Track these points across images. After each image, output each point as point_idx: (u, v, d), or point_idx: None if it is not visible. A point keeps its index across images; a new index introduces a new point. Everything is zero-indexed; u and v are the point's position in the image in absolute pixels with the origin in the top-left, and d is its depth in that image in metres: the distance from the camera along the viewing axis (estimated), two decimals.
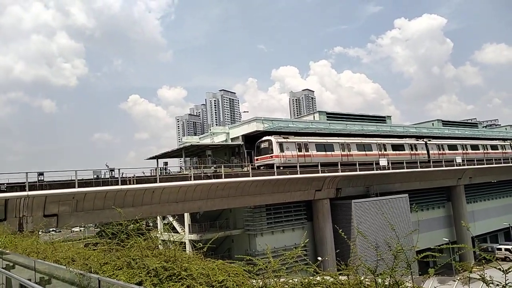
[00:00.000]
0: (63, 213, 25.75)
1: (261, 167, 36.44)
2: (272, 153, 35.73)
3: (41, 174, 24.61)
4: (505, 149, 60.91)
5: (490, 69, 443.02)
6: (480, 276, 4.25)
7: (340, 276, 4.69)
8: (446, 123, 66.49)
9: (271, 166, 35.26)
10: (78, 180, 25.21)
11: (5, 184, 23.32)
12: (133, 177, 28.21)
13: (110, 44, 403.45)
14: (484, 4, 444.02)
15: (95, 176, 27.24)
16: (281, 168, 35.18)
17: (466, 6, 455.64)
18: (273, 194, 35.62)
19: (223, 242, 38.63)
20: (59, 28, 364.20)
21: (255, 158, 37.58)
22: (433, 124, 65.00)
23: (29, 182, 23.57)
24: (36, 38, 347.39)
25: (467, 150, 54.33)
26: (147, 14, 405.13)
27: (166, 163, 41.90)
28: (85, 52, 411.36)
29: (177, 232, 40.88)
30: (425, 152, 48.76)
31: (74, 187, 24.97)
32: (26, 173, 23.77)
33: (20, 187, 23.60)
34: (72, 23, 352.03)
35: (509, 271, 4.24)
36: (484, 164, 52.98)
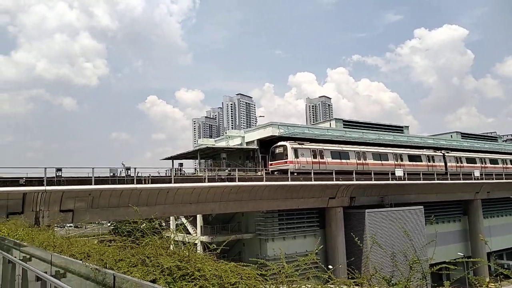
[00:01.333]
0: (79, 209, 26.17)
1: (275, 172, 36.40)
2: (287, 158, 35.65)
3: (59, 170, 25.07)
4: None
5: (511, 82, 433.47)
6: None
7: (355, 286, 4.65)
8: (465, 136, 65.29)
9: (285, 171, 35.19)
10: (95, 177, 25.59)
11: (24, 178, 23.83)
12: (148, 176, 28.54)
13: (131, 45, 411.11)
14: (507, 15, 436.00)
15: (112, 174, 27.65)
16: (295, 174, 35.07)
17: (488, 17, 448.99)
18: (286, 200, 35.49)
19: (234, 246, 38.61)
20: (82, 28, 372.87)
21: (270, 163, 37.55)
22: (451, 136, 63.90)
23: (47, 177, 24.05)
24: (59, 37, 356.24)
25: (485, 164, 53.23)
26: (168, 17, 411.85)
27: (181, 164, 42.27)
28: (107, 52, 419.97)
29: (190, 233, 41.06)
30: (443, 164, 47.95)
31: (91, 184, 25.37)
32: (45, 168, 24.29)
33: (38, 181, 24.10)
34: (96, 24, 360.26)
35: None
36: (503, 179, 51.78)
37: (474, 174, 48.37)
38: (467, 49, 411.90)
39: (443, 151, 49.56)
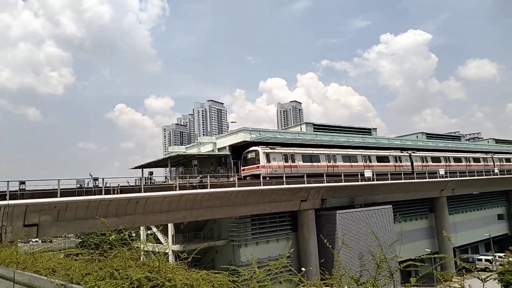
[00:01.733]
0: (44, 222, 25.17)
1: (248, 178, 36.41)
2: (259, 163, 35.76)
3: (22, 183, 24.09)
4: (487, 162, 62.25)
5: (473, 84, 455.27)
6: (460, 285, 4.34)
7: (324, 286, 4.72)
8: (430, 136, 67.64)
9: (257, 176, 35.26)
10: (61, 189, 24.73)
11: None
12: (117, 186, 27.85)
13: (98, 53, 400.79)
14: (468, 20, 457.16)
15: (78, 185, 26.79)
16: (268, 178, 35.22)
17: (450, 22, 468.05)
18: (259, 205, 35.55)
19: (207, 253, 38.23)
20: (47, 36, 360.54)
21: (242, 168, 37.53)
22: (417, 136, 66.04)
23: (9, 191, 23.03)
24: (23, 46, 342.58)
25: (450, 162, 55.29)
26: (137, 25, 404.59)
27: (151, 173, 41.43)
28: (73, 61, 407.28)
29: (161, 242, 40.34)
30: (409, 164, 49.44)
31: (56, 196, 24.49)
32: (7, 181, 23.24)
33: (0, 196, 23.04)
34: (61, 32, 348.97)
35: (487, 280, 4.34)
36: (466, 176, 53.97)
37: (439, 173, 50.11)
38: (431, 53, 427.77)
39: (409, 152, 51.12)
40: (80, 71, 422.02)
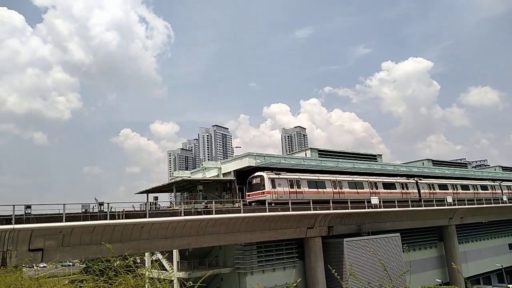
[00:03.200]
0: (48, 247, 25.03)
1: (253, 203, 36.17)
2: (264, 189, 35.58)
3: (28, 207, 24.09)
4: (495, 190, 61.37)
5: (476, 111, 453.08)
6: None
7: None
8: (436, 163, 67.19)
9: (262, 202, 35.01)
10: (66, 214, 24.70)
11: None
12: (122, 211, 27.77)
13: (105, 79, 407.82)
14: (469, 48, 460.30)
15: (84, 210, 26.72)
16: (273, 204, 34.95)
17: (451, 50, 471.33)
18: (265, 232, 35.14)
19: (213, 281, 37.57)
20: (55, 62, 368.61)
21: (247, 194, 37.34)
22: (423, 163, 65.60)
23: (15, 215, 23.06)
24: (31, 71, 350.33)
25: (457, 190, 54.63)
26: (143, 52, 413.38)
27: (156, 198, 41.38)
28: (80, 86, 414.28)
29: (166, 269, 39.78)
30: (416, 191, 48.94)
31: (62, 221, 24.44)
32: (13, 205, 23.31)
33: (6, 220, 23.05)
34: (69, 59, 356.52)
35: None
36: (474, 204, 53.18)
37: (447, 200, 49.49)
38: (433, 80, 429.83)
39: (416, 178, 50.71)
40: (87, 96, 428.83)
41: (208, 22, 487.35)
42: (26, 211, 23.85)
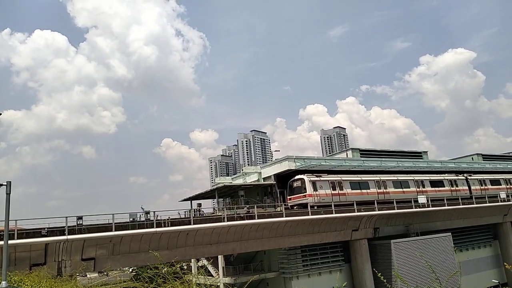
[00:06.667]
0: (100, 256, 26.10)
1: (295, 207, 35.90)
2: (305, 192, 35.24)
3: (80, 218, 25.26)
4: None
5: None
6: None
7: None
8: (486, 157, 63.76)
9: (304, 205, 34.68)
10: (115, 223, 25.68)
11: (46, 229, 24.06)
12: (167, 219, 28.48)
13: (146, 92, 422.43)
14: None
15: (131, 219, 27.66)
16: (315, 207, 34.51)
17: (496, 38, 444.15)
18: (308, 235, 34.75)
19: (258, 286, 37.58)
20: (99, 79, 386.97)
21: (288, 197, 37.14)
22: (472, 158, 62.50)
23: (68, 226, 24.25)
24: (78, 88, 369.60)
25: (511, 185, 51.54)
26: (181, 63, 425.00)
27: (199, 205, 42.10)
28: (123, 100, 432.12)
29: (212, 275, 40.29)
30: (466, 188, 46.67)
31: (111, 230, 25.40)
32: (66, 217, 24.53)
33: (60, 231, 24.27)
34: (112, 75, 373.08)
35: None
36: None
37: (500, 196, 46.82)
38: (477, 71, 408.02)
39: (465, 175, 48.34)
40: (129, 110, 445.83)
41: (241, 27, 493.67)
42: (78, 222, 25.03)
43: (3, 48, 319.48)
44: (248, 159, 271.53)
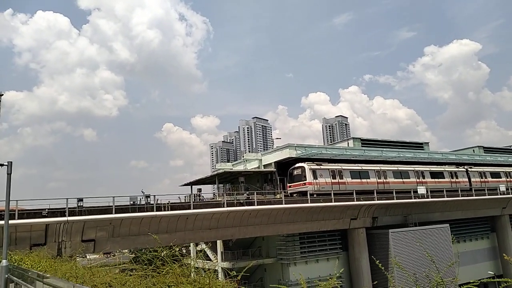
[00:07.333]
0: (100, 238, 26.37)
1: (294, 195, 36.07)
2: (305, 180, 35.35)
3: (80, 200, 25.45)
4: None
5: None
6: None
7: None
8: (487, 150, 63.69)
9: (304, 193, 34.83)
10: (115, 206, 25.87)
11: (46, 210, 24.26)
12: (167, 203, 28.65)
13: (148, 76, 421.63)
14: None
15: (132, 202, 27.84)
16: (315, 195, 34.66)
17: (502, 30, 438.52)
18: (307, 222, 34.98)
19: (256, 271, 38.03)
20: (102, 62, 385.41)
21: (288, 185, 37.28)
22: (473, 150, 62.43)
23: (69, 208, 24.44)
24: (80, 71, 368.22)
25: (511, 178, 51.59)
26: (184, 48, 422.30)
27: (200, 190, 42.35)
28: (125, 84, 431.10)
29: (210, 259, 40.73)
30: (466, 180, 46.73)
31: (112, 213, 25.62)
32: (67, 199, 24.73)
33: (60, 212, 24.48)
34: (115, 58, 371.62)
35: None
36: None
37: (499, 189, 46.90)
38: (481, 63, 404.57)
39: (466, 167, 48.35)
40: (132, 94, 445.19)
41: (245, 14, 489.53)
42: (79, 204, 25.23)
43: (5, 29, 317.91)
44: (249, 146, 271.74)
